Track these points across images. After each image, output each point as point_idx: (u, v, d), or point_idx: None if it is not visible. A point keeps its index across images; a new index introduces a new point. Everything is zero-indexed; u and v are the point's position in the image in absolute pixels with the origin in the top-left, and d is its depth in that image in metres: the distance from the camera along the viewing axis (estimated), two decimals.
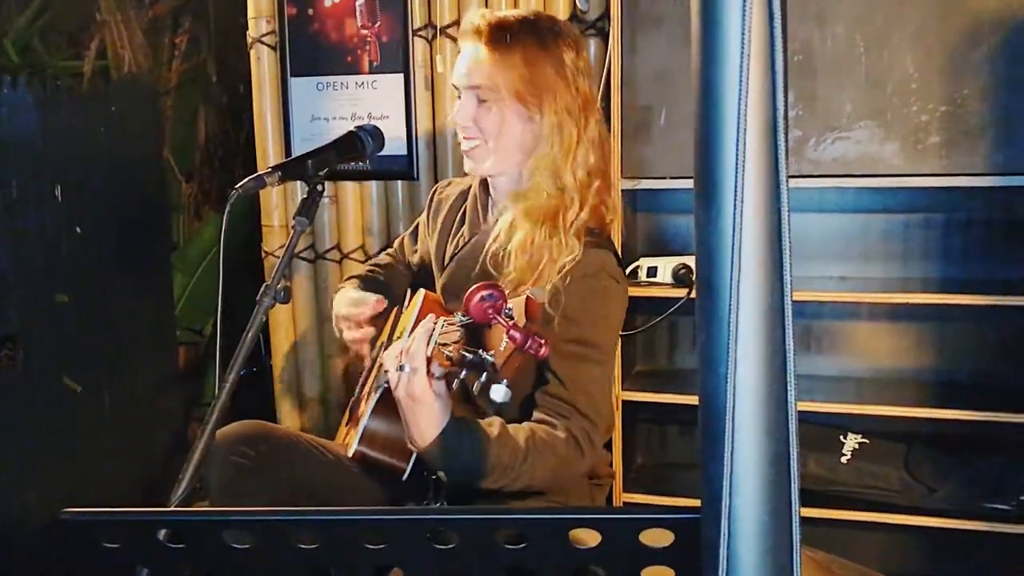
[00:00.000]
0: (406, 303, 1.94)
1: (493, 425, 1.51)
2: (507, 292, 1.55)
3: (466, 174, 1.80)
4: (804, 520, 2.11)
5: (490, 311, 1.29)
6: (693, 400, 2.37)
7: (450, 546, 0.75)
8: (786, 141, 0.58)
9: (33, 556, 2.30)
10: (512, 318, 1.29)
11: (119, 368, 2.93)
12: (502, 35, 1.60)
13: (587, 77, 1.67)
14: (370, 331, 1.79)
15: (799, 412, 2.21)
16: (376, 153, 1.58)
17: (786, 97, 0.58)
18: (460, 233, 1.80)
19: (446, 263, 1.80)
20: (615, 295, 1.64)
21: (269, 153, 2.82)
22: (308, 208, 1.37)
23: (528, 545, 0.75)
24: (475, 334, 1.35)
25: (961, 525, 2.19)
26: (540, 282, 1.57)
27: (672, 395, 2.39)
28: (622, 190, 2.31)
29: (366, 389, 1.82)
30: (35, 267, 2.59)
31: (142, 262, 3.10)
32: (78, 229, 2.77)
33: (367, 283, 1.92)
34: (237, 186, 1.33)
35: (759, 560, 0.63)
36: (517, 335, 1.26)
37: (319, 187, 1.42)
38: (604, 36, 2.47)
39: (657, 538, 0.74)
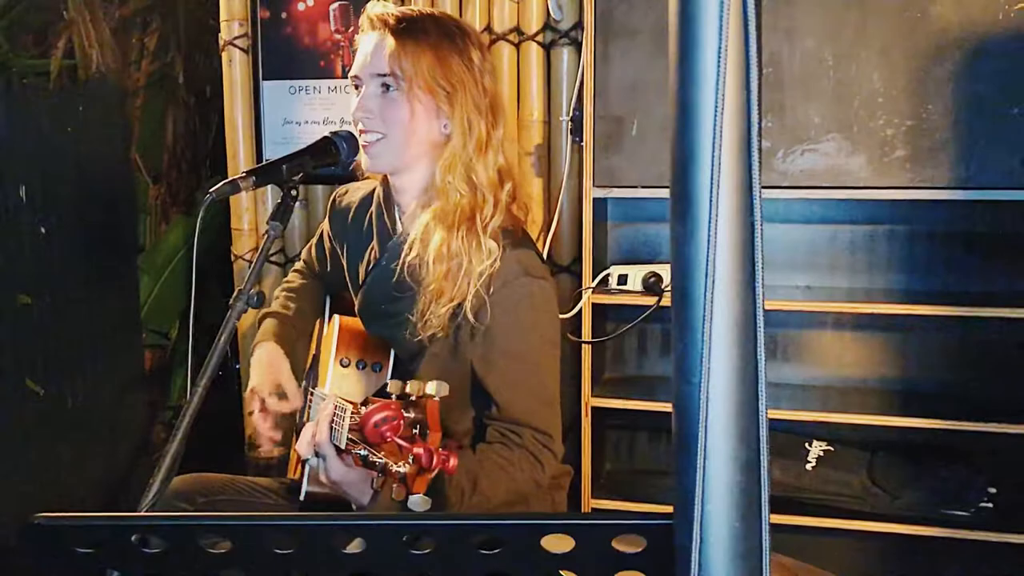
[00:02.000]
0: (326, 318, 1.90)
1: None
2: (429, 301, 1.53)
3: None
4: (770, 526, 2.14)
5: (388, 434, 1.23)
6: (662, 407, 2.39)
7: (425, 551, 0.76)
8: (760, 157, 0.60)
9: None
10: (418, 425, 1.25)
11: (83, 371, 2.90)
12: (410, 26, 1.56)
13: (494, 78, 1.62)
14: (279, 435, 1.70)
15: None
16: (351, 159, 1.57)
17: (760, 114, 0.60)
18: (371, 246, 1.72)
19: (361, 282, 1.73)
20: (541, 293, 1.57)
21: (240, 156, 2.81)
22: (282, 213, 1.37)
23: (502, 550, 0.76)
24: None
25: (922, 532, 2.23)
26: (460, 293, 1.51)
27: (641, 402, 2.41)
28: (593, 199, 2.33)
29: (307, 417, 1.78)
30: None
31: (108, 264, 3.07)
32: (43, 230, 2.74)
33: (286, 327, 1.83)
34: (211, 190, 1.32)
35: (730, 565, 0.64)
36: (421, 453, 1.22)
37: (293, 192, 1.41)
38: (577, 46, 2.50)
39: (630, 544, 0.75)
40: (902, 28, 2.12)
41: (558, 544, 0.77)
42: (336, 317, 1.75)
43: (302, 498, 1.60)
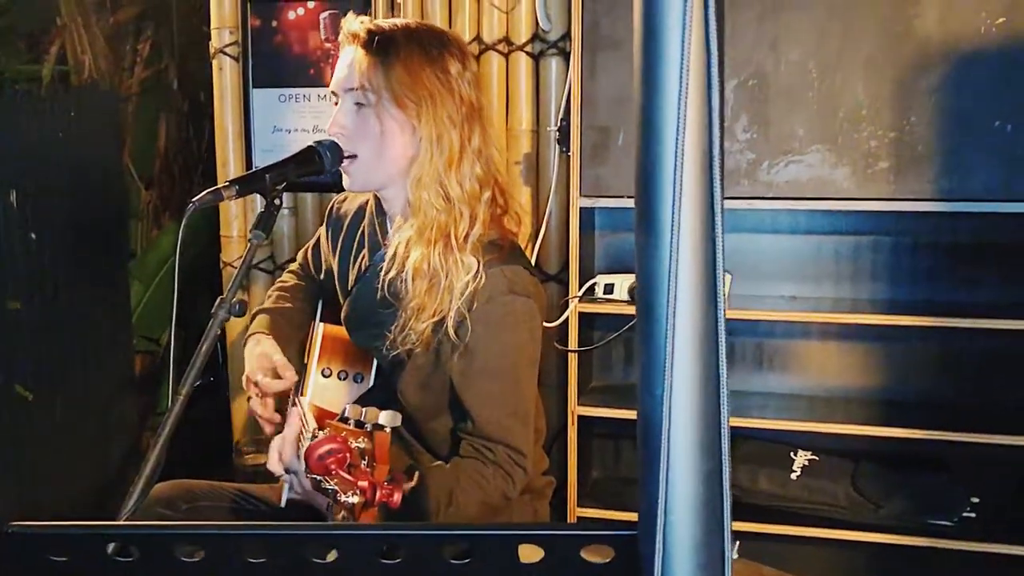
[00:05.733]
0: (317, 319, 1.90)
1: (411, 481, 1.46)
2: (410, 316, 1.53)
3: None
4: (755, 535, 2.15)
5: (333, 466, 1.24)
6: None
7: (397, 560, 0.77)
8: (722, 175, 0.61)
9: None
10: (366, 456, 1.25)
11: (72, 377, 2.90)
12: (381, 40, 1.55)
13: (474, 87, 1.60)
14: (278, 417, 1.69)
15: (751, 429, 2.25)
16: (334, 168, 1.57)
17: (722, 133, 0.61)
18: (361, 255, 1.72)
19: (350, 289, 1.73)
20: (524, 312, 1.56)
21: (230, 163, 2.82)
22: (265, 222, 1.37)
23: (472, 560, 0.77)
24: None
25: (906, 541, 2.24)
26: (442, 309, 1.51)
27: (627, 410, 2.41)
28: (580, 208, 2.34)
29: None
30: None
31: (99, 270, 3.07)
32: (33, 235, 2.74)
33: (280, 321, 1.82)
34: (194, 199, 1.33)
35: (692, 575, 0.65)
36: (366, 487, 1.23)
37: (277, 201, 1.42)
38: (565, 56, 2.51)
39: (599, 554, 0.76)
40: (886, 41, 2.14)
41: (528, 554, 0.78)
42: (320, 326, 1.75)
43: (283, 504, 1.60)
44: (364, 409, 1.28)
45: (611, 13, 2.28)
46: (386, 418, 1.26)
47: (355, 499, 1.22)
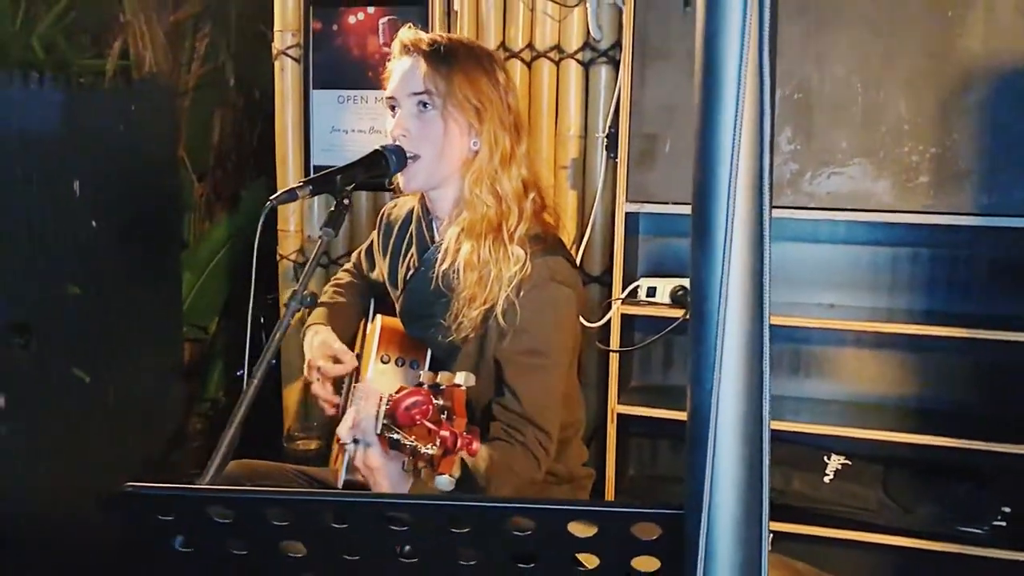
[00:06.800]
0: (370, 319, 2.01)
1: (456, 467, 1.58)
2: (462, 306, 1.63)
3: None
4: (787, 535, 2.20)
5: (417, 417, 1.34)
6: (685, 415, 2.46)
7: (464, 530, 0.85)
8: (771, 194, 0.68)
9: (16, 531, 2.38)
10: (446, 411, 1.35)
11: (125, 361, 2.99)
12: (442, 49, 1.68)
13: (516, 97, 1.75)
14: (337, 399, 1.83)
15: (786, 432, 2.30)
16: (398, 170, 1.68)
17: (772, 157, 0.68)
18: (410, 255, 1.84)
19: (400, 288, 1.85)
20: (565, 300, 1.69)
21: (289, 161, 2.92)
22: (335, 220, 1.48)
23: (532, 532, 0.85)
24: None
25: (935, 547, 2.28)
26: (491, 298, 1.63)
27: (665, 410, 2.48)
28: (626, 213, 2.41)
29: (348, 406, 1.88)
30: (50, 259, 2.64)
31: (154, 259, 3.17)
32: (94, 223, 2.84)
33: (336, 314, 1.95)
34: (272, 198, 1.44)
35: (733, 551, 0.73)
36: (447, 436, 1.32)
37: (346, 200, 1.52)
38: (615, 65, 2.58)
39: (647, 531, 0.84)
40: (929, 58, 2.18)
41: (582, 530, 0.86)
42: (379, 317, 1.87)
43: (340, 486, 1.70)
44: (439, 373, 1.38)
45: (661, 24, 2.34)
46: (462, 377, 1.37)
47: (434, 450, 1.32)
